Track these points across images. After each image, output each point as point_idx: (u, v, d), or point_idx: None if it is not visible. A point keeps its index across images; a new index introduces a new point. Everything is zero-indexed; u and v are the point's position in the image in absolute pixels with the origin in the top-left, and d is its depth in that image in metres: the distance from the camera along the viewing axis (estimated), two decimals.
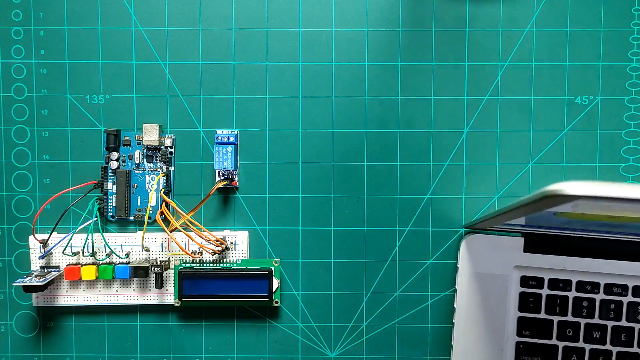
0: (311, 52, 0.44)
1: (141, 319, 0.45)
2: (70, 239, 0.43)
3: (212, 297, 0.43)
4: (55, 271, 0.43)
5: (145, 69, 0.44)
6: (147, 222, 0.44)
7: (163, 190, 0.44)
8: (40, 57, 0.44)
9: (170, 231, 0.41)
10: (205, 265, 0.44)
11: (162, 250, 0.44)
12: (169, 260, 0.44)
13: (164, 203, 0.43)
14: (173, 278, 0.44)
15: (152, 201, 0.44)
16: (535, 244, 0.43)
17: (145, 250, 0.44)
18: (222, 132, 0.44)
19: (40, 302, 0.44)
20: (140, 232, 0.44)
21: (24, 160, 0.45)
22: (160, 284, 0.43)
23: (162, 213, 0.43)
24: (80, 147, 0.45)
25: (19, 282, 0.41)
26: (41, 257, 0.43)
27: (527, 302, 0.43)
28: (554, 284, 0.43)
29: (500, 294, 0.42)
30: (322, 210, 0.45)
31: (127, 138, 0.44)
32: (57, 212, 0.44)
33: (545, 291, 0.43)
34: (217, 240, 0.43)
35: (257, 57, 0.44)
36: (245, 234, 0.44)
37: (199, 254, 0.43)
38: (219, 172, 0.44)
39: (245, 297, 0.43)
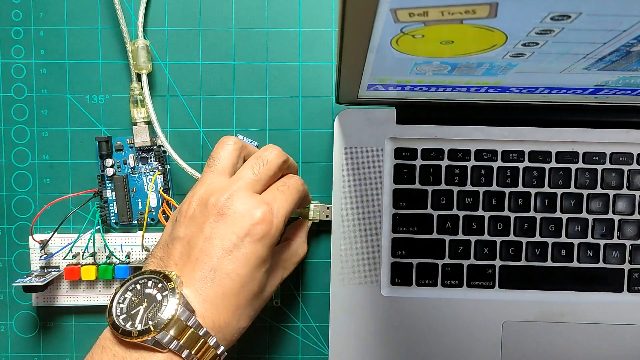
0: (311, 52, 0.44)
1: None
2: (72, 247, 0.43)
3: None
4: (55, 271, 0.43)
5: None
6: (150, 223, 0.44)
7: (162, 188, 0.44)
8: (40, 57, 0.44)
9: None
10: None
11: None
12: None
13: (165, 202, 0.43)
14: None
15: (152, 201, 0.44)
16: (407, 115, 0.42)
17: (145, 250, 0.44)
18: (244, 138, 0.44)
19: (40, 302, 0.44)
20: (140, 232, 0.44)
21: (24, 160, 0.45)
22: None
23: (163, 212, 0.43)
24: (80, 147, 0.45)
25: (19, 282, 0.41)
26: (41, 260, 0.43)
27: (401, 173, 0.42)
28: (427, 154, 0.42)
29: (376, 168, 0.42)
30: None
31: (118, 143, 0.44)
32: (56, 212, 0.44)
33: (418, 162, 0.42)
34: None
35: (257, 57, 0.44)
36: None
37: None
38: None
39: None
